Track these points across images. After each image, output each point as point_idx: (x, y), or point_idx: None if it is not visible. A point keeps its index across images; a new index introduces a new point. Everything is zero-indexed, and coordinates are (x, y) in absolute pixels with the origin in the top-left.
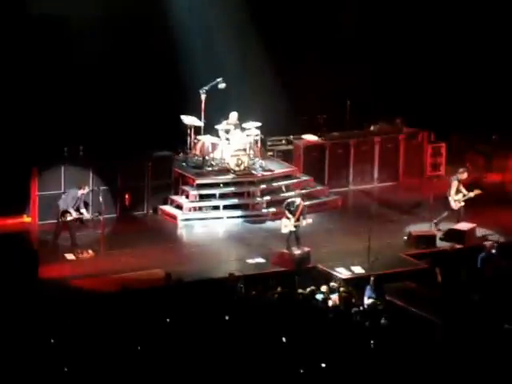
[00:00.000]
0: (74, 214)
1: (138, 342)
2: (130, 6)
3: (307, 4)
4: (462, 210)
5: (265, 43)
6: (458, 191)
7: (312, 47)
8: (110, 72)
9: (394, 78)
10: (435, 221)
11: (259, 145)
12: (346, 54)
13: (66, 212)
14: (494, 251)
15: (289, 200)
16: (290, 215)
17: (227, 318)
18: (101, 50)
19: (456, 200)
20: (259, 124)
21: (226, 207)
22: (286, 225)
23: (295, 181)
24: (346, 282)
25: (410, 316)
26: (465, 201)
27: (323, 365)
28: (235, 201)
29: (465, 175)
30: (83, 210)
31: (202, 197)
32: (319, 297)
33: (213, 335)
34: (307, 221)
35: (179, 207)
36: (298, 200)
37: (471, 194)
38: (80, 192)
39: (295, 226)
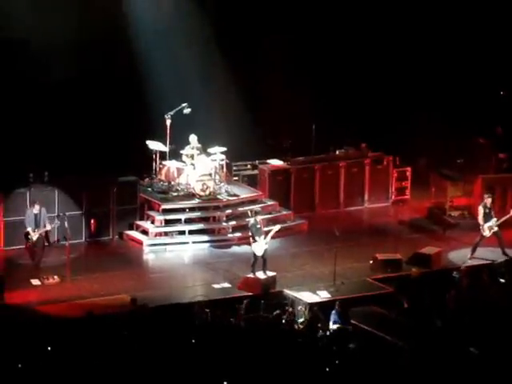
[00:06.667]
0: (37, 231)
1: (105, 367)
2: (94, 31)
3: (273, 29)
4: (500, 234)
5: (230, 68)
6: (486, 217)
7: (277, 72)
8: (75, 97)
9: (358, 103)
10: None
11: (225, 170)
12: (311, 79)
13: (28, 233)
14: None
15: (249, 225)
16: (254, 239)
17: (193, 341)
18: (66, 75)
19: (488, 226)
20: (224, 149)
21: (191, 232)
22: (260, 245)
23: (261, 205)
24: (312, 306)
25: (375, 340)
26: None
27: None
28: (201, 226)
29: (489, 200)
30: (46, 224)
31: (168, 222)
32: (285, 321)
33: (179, 360)
34: (275, 229)
35: (145, 232)
36: (252, 220)
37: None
38: (32, 209)
39: (266, 243)
